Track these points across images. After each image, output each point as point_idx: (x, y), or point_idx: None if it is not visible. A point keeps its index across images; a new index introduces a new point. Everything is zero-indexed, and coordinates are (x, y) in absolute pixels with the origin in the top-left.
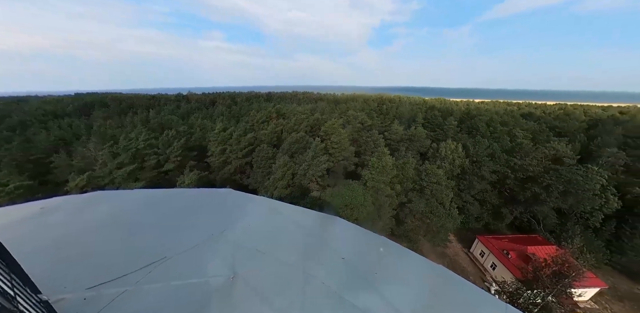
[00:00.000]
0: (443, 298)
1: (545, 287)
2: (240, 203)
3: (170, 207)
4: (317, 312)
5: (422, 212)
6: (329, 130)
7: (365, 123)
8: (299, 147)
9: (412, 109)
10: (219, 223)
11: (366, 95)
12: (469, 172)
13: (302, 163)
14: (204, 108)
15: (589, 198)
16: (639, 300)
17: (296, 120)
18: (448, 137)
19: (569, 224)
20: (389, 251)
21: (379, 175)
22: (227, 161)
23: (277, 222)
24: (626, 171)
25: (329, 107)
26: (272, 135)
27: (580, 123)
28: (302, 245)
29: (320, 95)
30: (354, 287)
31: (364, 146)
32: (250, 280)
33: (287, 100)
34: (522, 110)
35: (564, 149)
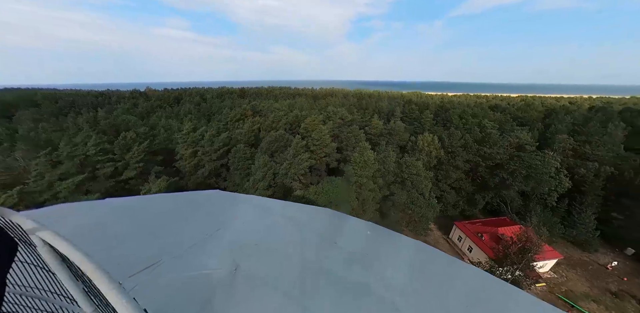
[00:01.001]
0: (424, 268)
1: (514, 263)
2: (230, 202)
3: (154, 213)
4: (316, 290)
5: (404, 203)
6: (309, 126)
7: (346, 118)
8: (278, 145)
9: (391, 104)
10: (212, 224)
11: (345, 91)
12: (445, 162)
13: (283, 162)
14: (167, 106)
15: (546, 180)
16: (587, 266)
17: (274, 118)
18: (425, 130)
19: (531, 205)
20: (376, 233)
21: (361, 170)
22: (199, 164)
23: (270, 217)
24: (574, 154)
25: (308, 102)
26: (248, 134)
27: (538, 113)
28: (298, 236)
29: (298, 90)
30: (348, 267)
31: (346, 142)
32: (254, 270)
33: (263, 96)
34: (489, 103)
35: (525, 137)
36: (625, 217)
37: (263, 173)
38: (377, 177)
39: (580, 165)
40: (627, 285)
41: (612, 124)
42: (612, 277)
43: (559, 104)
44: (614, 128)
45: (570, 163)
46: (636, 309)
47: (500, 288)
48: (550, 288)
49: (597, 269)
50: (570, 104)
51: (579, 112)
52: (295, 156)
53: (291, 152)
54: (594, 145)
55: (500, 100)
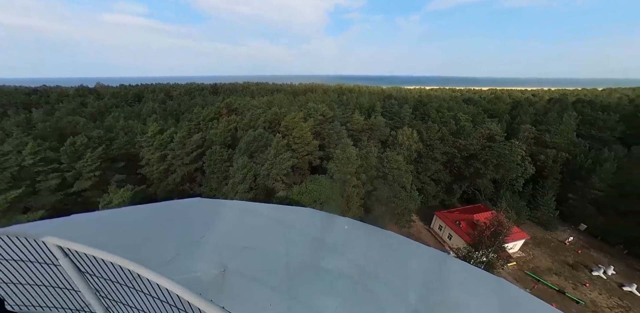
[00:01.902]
0: (391, 253)
1: (488, 246)
2: (214, 209)
3: (135, 225)
4: (299, 281)
5: (387, 197)
6: (289, 124)
7: (327, 115)
8: (258, 145)
9: (371, 99)
10: (197, 231)
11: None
12: (424, 155)
13: (264, 162)
14: (126, 105)
15: (514, 168)
16: (549, 243)
17: (252, 116)
18: (404, 124)
19: (501, 191)
20: (353, 228)
21: (344, 167)
22: (170, 169)
23: (255, 220)
24: (535, 143)
25: (288, 99)
26: (224, 135)
27: (506, 105)
28: (283, 235)
29: (276, 86)
30: (328, 259)
31: (328, 139)
32: (242, 269)
33: (238, 92)
34: (463, 96)
35: (495, 128)
36: (578, 197)
37: (243, 176)
38: (360, 173)
39: (541, 152)
40: (581, 257)
41: (567, 113)
42: (569, 251)
43: (523, 97)
44: (568, 117)
45: (533, 150)
46: (587, 277)
47: (449, 262)
48: (520, 266)
49: (557, 245)
50: (533, 97)
51: (540, 104)
52: (277, 156)
53: (272, 152)
54: (552, 134)
55: (473, 94)
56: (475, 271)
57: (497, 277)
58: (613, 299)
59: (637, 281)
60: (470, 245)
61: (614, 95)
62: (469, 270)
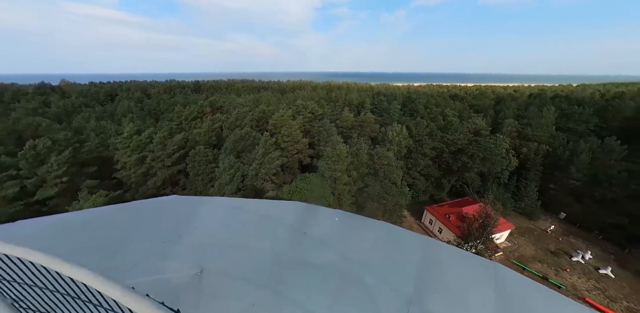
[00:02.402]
0: (384, 244)
1: (477, 238)
2: (192, 206)
3: (102, 227)
4: (287, 277)
5: (378, 194)
6: (278, 122)
7: (316, 112)
8: (245, 144)
9: (361, 95)
10: (173, 230)
11: (314, 83)
12: (414, 150)
13: (251, 162)
14: (97, 104)
15: (499, 161)
16: (533, 232)
17: (238, 114)
18: (394, 120)
19: (487, 184)
20: (343, 219)
21: (335, 165)
22: (149, 173)
23: (238, 215)
24: (518, 136)
25: (275, 97)
26: (209, 134)
27: (490, 101)
28: (268, 230)
29: (263, 83)
30: (318, 253)
31: (317, 136)
32: (223, 269)
33: (223, 90)
34: (450, 92)
35: (480, 123)
36: (558, 187)
37: (230, 176)
38: (351, 170)
39: (524, 145)
40: (561, 244)
41: (546, 108)
42: (551, 239)
43: (506, 92)
44: (547, 112)
45: (516, 144)
46: (568, 262)
47: (446, 250)
48: (507, 255)
49: (540, 234)
50: (514, 92)
51: (521, 99)
52: (265, 155)
53: (260, 151)
54: (533, 128)
55: (459, 90)
56: (470, 257)
57: (492, 262)
58: (591, 282)
59: (611, 264)
60: (459, 237)
61: (587, 90)
62: (463, 256)
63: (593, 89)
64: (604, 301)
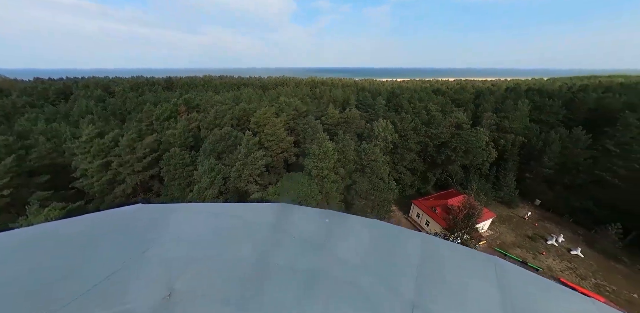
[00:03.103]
0: (377, 243)
1: (462, 228)
2: (161, 215)
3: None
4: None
5: (366, 190)
6: (260, 121)
7: (301, 109)
8: (226, 145)
9: (345, 91)
10: (136, 245)
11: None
12: (400, 145)
13: (234, 163)
14: (46, 104)
15: (480, 153)
16: (512, 220)
17: (217, 113)
18: (379, 116)
19: (470, 176)
20: (334, 219)
21: (321, 162)
22: (116, 180)
23: (214, 222)
24: (497, 129)
25: (257, 93)
26: (185, 135)
27: (470, 95)
28: (250, 237)
29: (243, 80)
30: (304, 256)
31: (303, 134)
32: (197, 288)
33: (198, 87)
34: (432, 87)
35: (462, 117)
36: (533, 176)
37: (210, 179)
38: (338, 168)
39: (502, 137)
40: (537, 229)
41: (521, 101)
42: (528, 225)
43: (485, 86)
44: (522, 104)
45: (495, 136)
46: (543, 246)
47: (444, 247)
48: (489, 243)
49: (518, 221)
50: (492, 86)
51: (498, 93)
52: (248, 155)
53: (242, 151)
54: (510, 120)
55: (441, 85)
56: (468, 252)
57: (490, 255)
58: (564, 263)
59: (581, 245)
60: (445, 229)
61: (556, 83)
62: (462, 252)
63: (561, 82)
64: (575, 279)
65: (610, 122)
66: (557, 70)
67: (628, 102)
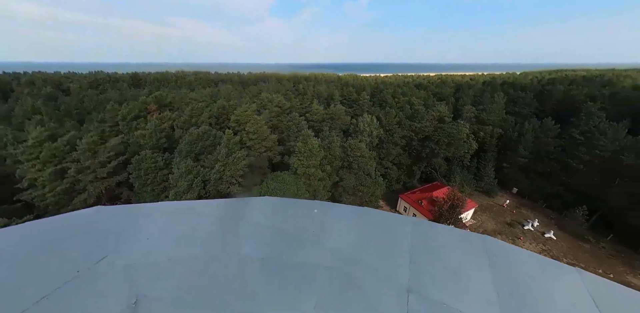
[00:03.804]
0: (369, 230)
1: (447, 219)
2: (124, 218)
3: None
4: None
5: (353, 186)
6: (241, 118)
7: (284, 106)
8: (204, 145)
9: (329, 87)
10: (94, 253)
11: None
12: (385, 140)
13: (213, 165)
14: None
15: (461, 145)
16: (493, 208)
17: (192, 111)
18: (364, 111)
19: (453, 168)
20: (323, 209)
21: (307, 160)
22: (75, 189)
23: (189, 221)
24: (476, 121)
25: (236, 90)
26: (156, 136)
27: (450, 89)
28: (233, 233)
29: (220, 75)
30: (293, 250)
31: (287, 132)
32: (170, 295)
33: (171, 84)
34: (415, 82)
35: (444, 110)
36: (510, 165)
37: (188, 183)
38: (325, 165)
39: (481, 129)
40: (515, 216)
41: (497, 94)
42: (507, 212)
43: (464, 80)
44: (498, 97)
45: (474, 128)
46: (521, 231)
47: (436, 229)
48: (473, 232)
49: (498, 209)
50: (471, 80)
51: (477, 87)
52: (229, 155)
53: (223, 151)
54: (488, 112)
55: (422, 79)
56: (459, 233)
57: (481, 235)
58: (539, 246)
59: (553, 228)
60: (431, 220)
61: (528, 77)
62: (453, 233)
63: (532, 76)
64: None
65: (575, 112)
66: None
67: (589, 93)
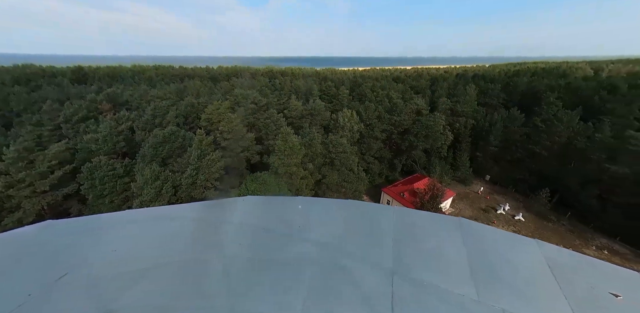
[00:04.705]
0: (354, 221)
1: (428, 209)
2: (81, 232)
3: None
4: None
5: (336, 183)
6: (213, 117)
7: (260, 102)
8: (172, 147)
9: (307, 82)
10: (48, 273)
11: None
12: (366, 135)
13: (184, 169)
14: None
15: (439, 137)
16: (469, 195)
17: (156, 110)
18: (343, 106)
19: (432, 159)
20: (307, 205)
21: (288, 159)
22: (3, 207)
23: (166, 228)
24: (451, 113)
25: (206, 86)
26: (113, 139)
27: (426, 81)
28: (213, 236)
29: (186, 70)
30: (279, 247)
31: (265, 130)
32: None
33: (126, 79)
34: (392, 75)
35: (421, 103)
36: (482, 154)
37: (156, 190)
38: (306, 163)
39: (456, 121)
40: (489, 202)
41: (469, 86)
42: (481, 199)
43: (438, 73)
44: (470, 89)
45: (450, 120)
46: (494, 215)
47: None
48: None
49: (474, 196)
50: (445, 73)
51: (451, 79)
52: (202, 157)
53: (194, 153)
54: (461, 104)
55: (399, 73)
56: (437, 217)
57: (456, 217)
58: (510, 228)
59: (521, 210)
60: None
61: (495, 69)
62: (432, 218)
63: (500, 68)
64: None
65: (537, 102)
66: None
67: (549, 84)
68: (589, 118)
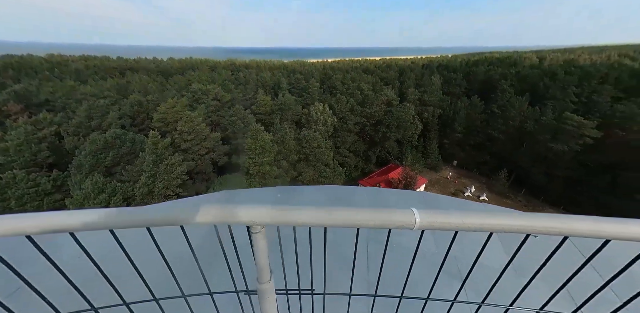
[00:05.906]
0: (332, 202)
1: None
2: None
3: None
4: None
5: (313, 179)
6: (168, 116)
7: (223, 98)
8: (117, 154)
9: (275, 75)
10: None
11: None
12: (339, 128)
13: (137, 177)
14: None
15: (409, 127)
16: (439, 181)
17: (90, 110)
18: (315, 99)
19: (404, 149)
20: (287, 195)
21: (260, 157)
22: None
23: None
24: (420, 103)
25: (155, 81)
26: (30, 149)
27: (394, 72)
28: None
29: (127, 61)
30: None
31: (231, 128)
32: None
33: (41, 73)
34: (362, 67)
35: (391, 94)
36: (449, 141)
37: (102, 205)
38: (280, 160)
39: (424, 110)
40: (458, 186)
41: (434, 76)
42: (451, 183)
43: (406, 64)
44: (436, 79)
45: (419, 110)
46: (462, 197)
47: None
48: None
49: (444, 181)
50: (412, 64)
51: (417, 70)
52: (158, 163)
53: (148, 159)
54: (428, 94)
55: (369, 64)
56: (405, 192)
57: (421, 191)
58: None
59: (485, 191)
60: None
61: (457, 60)
62: (401, 194)
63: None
64: None
65: (494, 90)
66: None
67: (502, 73)
68: (536, 103)
